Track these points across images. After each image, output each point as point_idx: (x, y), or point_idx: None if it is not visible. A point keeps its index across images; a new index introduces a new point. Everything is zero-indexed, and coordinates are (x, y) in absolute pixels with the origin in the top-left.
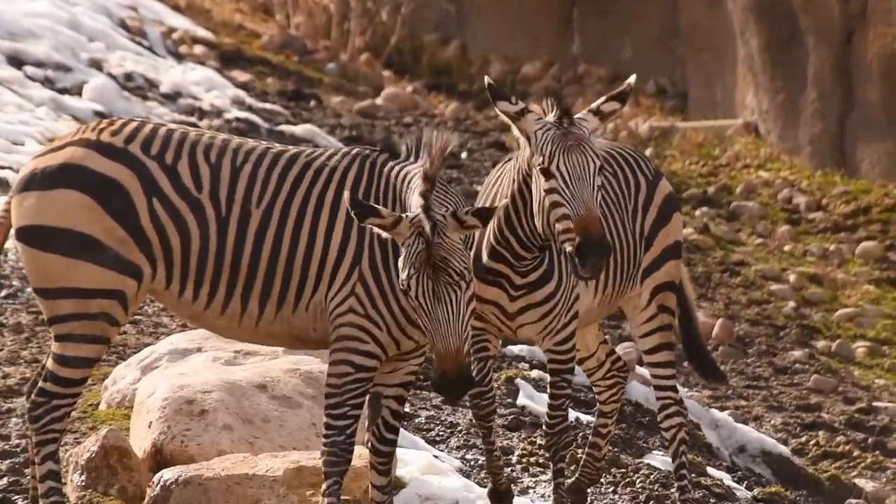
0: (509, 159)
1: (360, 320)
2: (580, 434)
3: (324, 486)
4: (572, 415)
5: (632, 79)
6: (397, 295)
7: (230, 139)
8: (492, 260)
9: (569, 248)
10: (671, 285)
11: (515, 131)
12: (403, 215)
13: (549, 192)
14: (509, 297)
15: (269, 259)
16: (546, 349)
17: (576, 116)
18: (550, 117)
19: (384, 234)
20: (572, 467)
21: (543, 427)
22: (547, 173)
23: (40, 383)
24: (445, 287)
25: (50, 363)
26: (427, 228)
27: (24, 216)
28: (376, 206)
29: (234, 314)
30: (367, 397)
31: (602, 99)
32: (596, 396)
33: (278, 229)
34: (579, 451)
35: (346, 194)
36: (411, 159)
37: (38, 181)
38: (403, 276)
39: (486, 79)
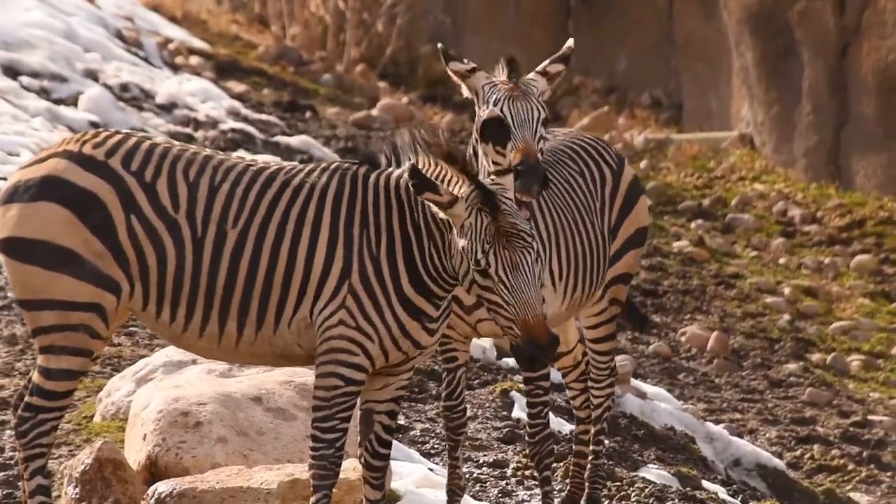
0: None
1: (352, 332)
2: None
3: (312, 499)
4: (567, 428)
5: (570, 41)
6: (392, 305)
7: (212, 156)
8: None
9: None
10: (626, 277)
11: (465, 91)
12: (459, 195)
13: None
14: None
15: (246, 280)
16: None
17: (525, 77)
18: (500, 76)
19: (440, 214)
20: (566, 480)
21: (525, 437)
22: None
23: (27, 397)
24: (521, 252)
25: (35, 376)
26: (489, 200)
27: (6, 228)
28: (435, 181)
29: (212, 336)
30: (360, 413)
31: (547, 61)
32: (570, 402)
33: (255, 249)
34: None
35: (407, 165)
36: (393, 166)
37: (21, 193)
38: (479, 256)
39: (440, 45)
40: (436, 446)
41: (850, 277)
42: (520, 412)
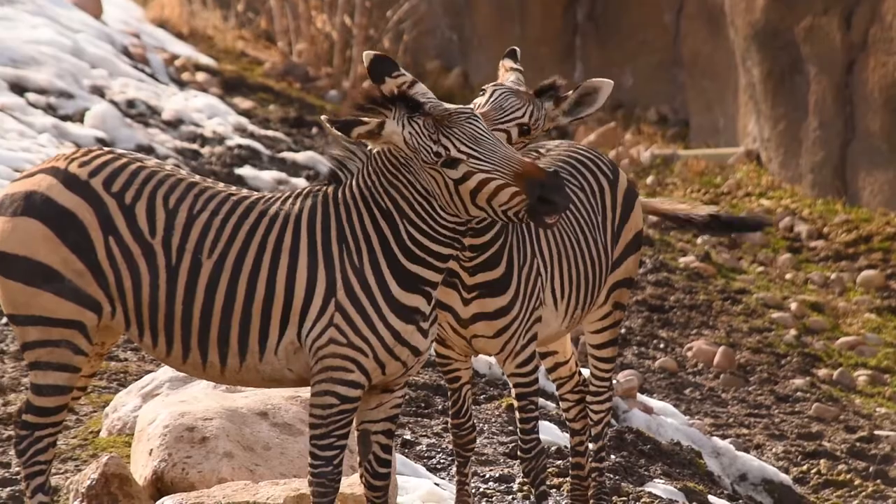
0: None
1: (344, 350)
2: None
3: None
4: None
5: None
6: (383, 314)
7: (196, 182)
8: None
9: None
10: (629, 281)
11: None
12: (385, 118)
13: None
14: (462, 299)
15: (223, 310)
16: (509, 373)
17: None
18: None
19: (374, 145)
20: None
21: (518, 453)
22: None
23: (22, 416)
24: (469, 123)
25: (28, 394)
26: (411, 103)
27: None
28: (355, 118)
29: (195, 364)
30: (357, 435)
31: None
32: (564, 414)
33: (231, 279)
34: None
35: (324, 118)
36: (346, 177)
37: (5, 207)
38: (435, 149)
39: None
40: (442, 461)
41: (857, 293)
42: None
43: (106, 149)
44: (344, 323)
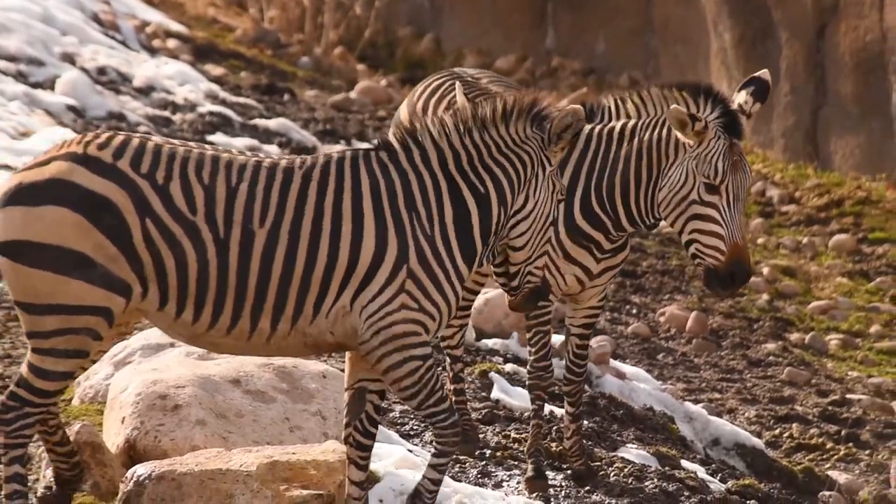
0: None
1: (416, 315)
2: (553, 427)
3: (443, 459)
4: (559, 412)
5: (764, 73)
6: (452, 282)
7: (219, 154)
8: (588, 223)
9: (708, 264)
10: None
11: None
12: (703, 117)
13: (707, 203)
14: (595, 258)
15: (281, 277)
16: (587, 306)
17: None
18: (712, 116)
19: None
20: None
21: (528, 367)
22: (713, 189)
23: (12, 387)
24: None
25: (26, 371)
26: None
27: (10, 231)
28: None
29: (242, 333)
30: (350, 393)
31: (748, 98)
32: (447, 341)
33: (289, 246)
34: (554, 444)
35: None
36: (416, 153)
37: (24, 196)
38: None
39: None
40: (415, 427)
41: (829, 257)
42: (499, 393)
43: (114, 131)
44: (416, 289)
